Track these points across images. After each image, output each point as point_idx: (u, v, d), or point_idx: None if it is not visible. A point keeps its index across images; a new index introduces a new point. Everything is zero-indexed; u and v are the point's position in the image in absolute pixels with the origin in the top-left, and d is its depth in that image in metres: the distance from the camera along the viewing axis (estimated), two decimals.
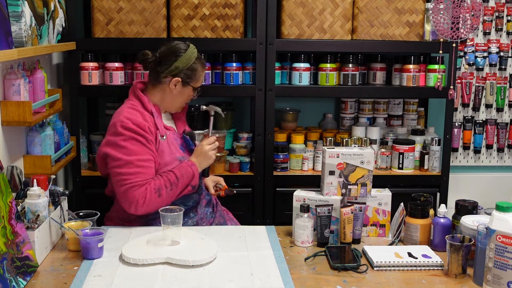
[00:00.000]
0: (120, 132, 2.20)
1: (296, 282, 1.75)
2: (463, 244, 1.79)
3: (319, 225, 2.04)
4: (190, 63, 2.31)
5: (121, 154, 2.19)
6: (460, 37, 2.96)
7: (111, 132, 2.24)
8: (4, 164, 2.09)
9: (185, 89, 2.35)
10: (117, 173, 2.19)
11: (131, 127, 2.20)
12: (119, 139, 2.20)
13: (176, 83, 2.31)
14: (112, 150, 2.21)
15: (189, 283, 1.73)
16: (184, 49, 2.32)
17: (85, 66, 2.91)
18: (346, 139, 2.55)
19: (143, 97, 2.31)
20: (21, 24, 2.13)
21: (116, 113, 2.30)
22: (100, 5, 2.86)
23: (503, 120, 3.63)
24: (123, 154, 2.19)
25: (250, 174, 3.06)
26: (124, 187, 2.17)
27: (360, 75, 3.17)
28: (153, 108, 2.31)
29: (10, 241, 1.69)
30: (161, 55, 2.32)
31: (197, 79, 2.36)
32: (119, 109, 2.32)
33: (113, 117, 2.29)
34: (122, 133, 2.20)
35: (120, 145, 2.19)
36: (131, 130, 2.20)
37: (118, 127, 2.21)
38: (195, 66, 2.33)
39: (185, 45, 2.34)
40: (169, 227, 1.94)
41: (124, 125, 2.21)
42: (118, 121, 2.22)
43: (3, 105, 2.15)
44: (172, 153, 2.30)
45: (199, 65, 2.35)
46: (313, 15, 2.95)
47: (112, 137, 2.23)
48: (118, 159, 2.19)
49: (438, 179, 3.11)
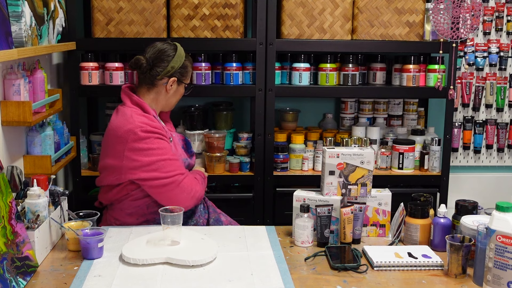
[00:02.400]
0: (144, 136, 2.18)
1: (296, 282, 1.75)
2: (463, 244, 1.79)
3: (319, 225, 2.04)
4: (182, 61, 2.36)
5: (155, 156, 2.18)
6: (460, 37, 2.97)
7: (132, 139, 2.17)
8: (4, 164, 2.09)
9: (179, 87, 2.40)
10: (158, 176, 2.17)
11: (151, 129, 2.20)
12: (145, 143, 2.17)
13: (173, 83, 2.34)
14: (143, 157, 2.17)
15: (189, 283, 1.73)
16: (173, 48, 2.35)
17: (85, 66, 2.91)
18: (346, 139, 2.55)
19: (142, 102, 2.29)
20: (21, 24, 2.12)
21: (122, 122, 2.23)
22: (100, 5, 2.86)
23: (503, 120, 3.63)
24: (157, 155, 2.18)
25: (250, 174, 3.06)
26: (176, 182, 2.20)
27: (360, 75, 3.17)
28: (153, 112, 2.32)
29: (10, 241, 1.69)
30: (152, 58, 2.31)
31: (187, 76, 2.42)
32: (121, 117, 2.25)
33: (120, 126, 2.22)
34: (147, 137, 2.18)
35: (150, 148, 2.18)
36: (153, 132, 2.20)
37: (139, 133, 2.17)
38: (186, 63, 2.38)
39: (171, 45, 2.37)
40: (169, 227, 1.94)
41: (144, 129, 2.18)
42: (136, 128, 2.18)
43: (3, 105, 2.15)
44: (178, 154, 2.34)
45: (188, 62, 2.41)
46: (313, 15, 2.95)
47: (136, 143, 2.17)
48: (153, 162, 2.17)
49: (438, 179, 3.11)
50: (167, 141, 2.27)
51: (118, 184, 2.25)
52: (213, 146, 3.00)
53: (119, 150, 2.20)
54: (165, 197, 2.21)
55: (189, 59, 2.43)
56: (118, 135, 2.21)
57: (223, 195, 3.01)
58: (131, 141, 2.18)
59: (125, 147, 2.19)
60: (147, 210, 2.28)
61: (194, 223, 2.37)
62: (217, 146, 3.01)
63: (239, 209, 2.97)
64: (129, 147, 2.18)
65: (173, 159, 2.24)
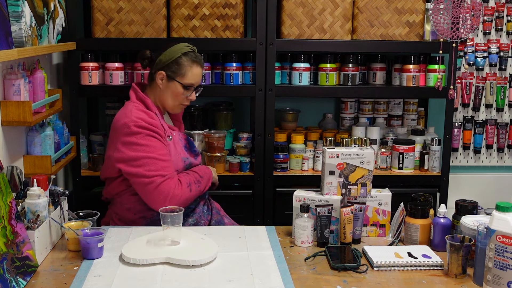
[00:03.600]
0: (136, 131, 2.21)
1: (296, 282, 1.75)
2: (463, 244, 1.79)
3: (319, 225, 2.04)
4: (174, 56, 2.33)
5: (142, 152, 2.20)
6: (460, 37, 2.97)
7: (124, 132, 2.23)
8: (4, 164, 2.09)
9: (171, 84, 2.34)
10: (141, 172, 2.19)
11: (144, 125, 2.22)
12: (135, 138, 2.21)
13: (162, 78, 2.34)
14: (130, 151, 2.21)
15: (189, 283, 1.73)
16: (173, 45, 2.36)
17: (85, 66, 2.91)
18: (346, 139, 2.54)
19: (146, 99, 2.33)
20: (21, 24, 2.12)
21: (121, 115, 2.29)
22: (100, 5, 2.86)
23: (503, 120, 3.63)
24: (144, 152, 2.20)
25: (250, 174, 3.06)
26: (156, 183, 2.18)
27: (360, 75, 3.17)
28: (156, 109, 2.33)
29: (10, 241, 1.69)
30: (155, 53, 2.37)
31: (183, 75, 2.33)
32: (122, 111, 2.32)
33: (118, 119, 2.28)
34: (138, 132, 2.21)
35: (139, 144, 2.20)
36: (146, 128, 2.22)
37: (132, 127, 2.21)
38: (181, 61, 2.33)
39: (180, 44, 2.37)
40: (169, 227, 1.94)
41: (138, 124, 2.22)
42: (131, 122, 2.22)
43: (3, 105, 2.15)
44: (178, 153, 2.33)
45: (186, 60, 2.33)
46: (313, 15, 2.95)
47: (127, 137, 2.22)
48: (139, 158, 2.20)
49: (438, 179, 3.11)
50: (161, 139, 2.26)
51: (116, 177, 2.30)
52: (213, 146, 3.00)
53: (114, 142, 2.27)
54: (143, 196, 2.24)
55: (190, 59, 2.34)
56: (115, 128, 2.27)
57: (223, 192, 3.00)
58: (124, 134, 2.23)
59: (118, 140, 2.24)
60: (144, 206, 2.29)
61: (194, 223, 2.36)
62: (217, 146, 3.01)
63: (239, 206, 2.97)
64: (121, 140, 2.23)
65: (159, 159, 2.22)
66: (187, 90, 2.37)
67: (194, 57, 2.36)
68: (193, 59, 2.35)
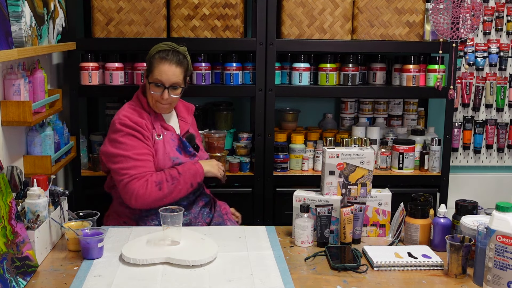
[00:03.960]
0: (119, 128, 2.29)
1: (296, 282, 1.75)
2: (463, 244, 1.79)
3: (319, 225, 2.04)
4: (149, 55, 2.37)
5: (120, 150, 2.26)
6: (460, 37, 2.97)
7: (111, 129, 2.33)
8: (4, 164, 2.09)
9: (147, 82, 2.36)
10: (117, 169, 2.26)
11: (128, 123, 2.28)
12: (117, 135, 2.28)
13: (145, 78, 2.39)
14: (111, 147, 2.29)
15: (189, 283, 1.73)
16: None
17: (85, 66, 2.91)
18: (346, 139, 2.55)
19: (142, 98, 2.39)
20: (21, 24, 2.12)
21: (116, 113, 2.39)
22: (100, 5, 2.86)
23: (503, 120, 3.63)
24: (121, 149, 2.26)
25: (250, 174, 3.06)
26: (124, 181, 2.23)
27: (360, 75, 3.17)
28: (149, 108, 2.38)
29: (10, 241, 1.69)
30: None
31: (151, 72, 2.33)
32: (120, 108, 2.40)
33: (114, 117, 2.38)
34: (120, 130, 2.28)
35: (118, 141, 2.27)
36: (128, 127, 2.28)
37: (116, 124, 2.30)
38: (152, 59, 2.35)
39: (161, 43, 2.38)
40: (169, 227, 1.94)
41: (122, 122, 2.29)
42: (117, 119, 2.31)
43: (3, 105, 2.15)
44: (166, 152, 2.34)
45: (156, 58, 2.32)
46: (313, 15, 2.95)
47: (112, 134, 2.31)
48: (116, 155, 2.27)
49: (438, 179, 3.11)
50: (142, 139, 2.28)
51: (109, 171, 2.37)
52: (213, 146, 3.00)
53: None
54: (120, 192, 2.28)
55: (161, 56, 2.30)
56: (110, 124, 2.36)
57: (223, 190, 2.99)
58: (111, 130, 2.32)
59: (108, 135, 2.34)
60: None
61: (187, 223, 2.33)
62: (217, 146, 3.00)
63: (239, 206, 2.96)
64: (108, 136, 2.33)
65: (132, 158, 2.24)
66: (157, 87, 2.32)
67: (165, 55, 2.32)
68: (161, 57, 2.31)
